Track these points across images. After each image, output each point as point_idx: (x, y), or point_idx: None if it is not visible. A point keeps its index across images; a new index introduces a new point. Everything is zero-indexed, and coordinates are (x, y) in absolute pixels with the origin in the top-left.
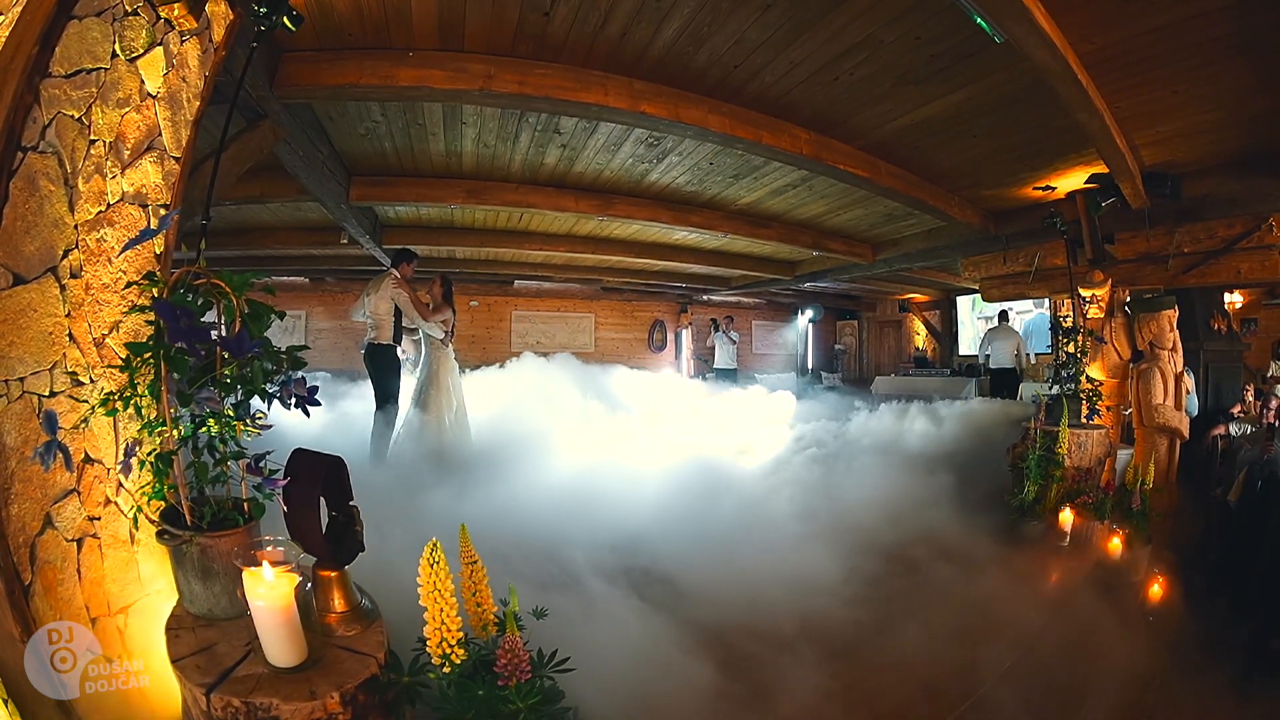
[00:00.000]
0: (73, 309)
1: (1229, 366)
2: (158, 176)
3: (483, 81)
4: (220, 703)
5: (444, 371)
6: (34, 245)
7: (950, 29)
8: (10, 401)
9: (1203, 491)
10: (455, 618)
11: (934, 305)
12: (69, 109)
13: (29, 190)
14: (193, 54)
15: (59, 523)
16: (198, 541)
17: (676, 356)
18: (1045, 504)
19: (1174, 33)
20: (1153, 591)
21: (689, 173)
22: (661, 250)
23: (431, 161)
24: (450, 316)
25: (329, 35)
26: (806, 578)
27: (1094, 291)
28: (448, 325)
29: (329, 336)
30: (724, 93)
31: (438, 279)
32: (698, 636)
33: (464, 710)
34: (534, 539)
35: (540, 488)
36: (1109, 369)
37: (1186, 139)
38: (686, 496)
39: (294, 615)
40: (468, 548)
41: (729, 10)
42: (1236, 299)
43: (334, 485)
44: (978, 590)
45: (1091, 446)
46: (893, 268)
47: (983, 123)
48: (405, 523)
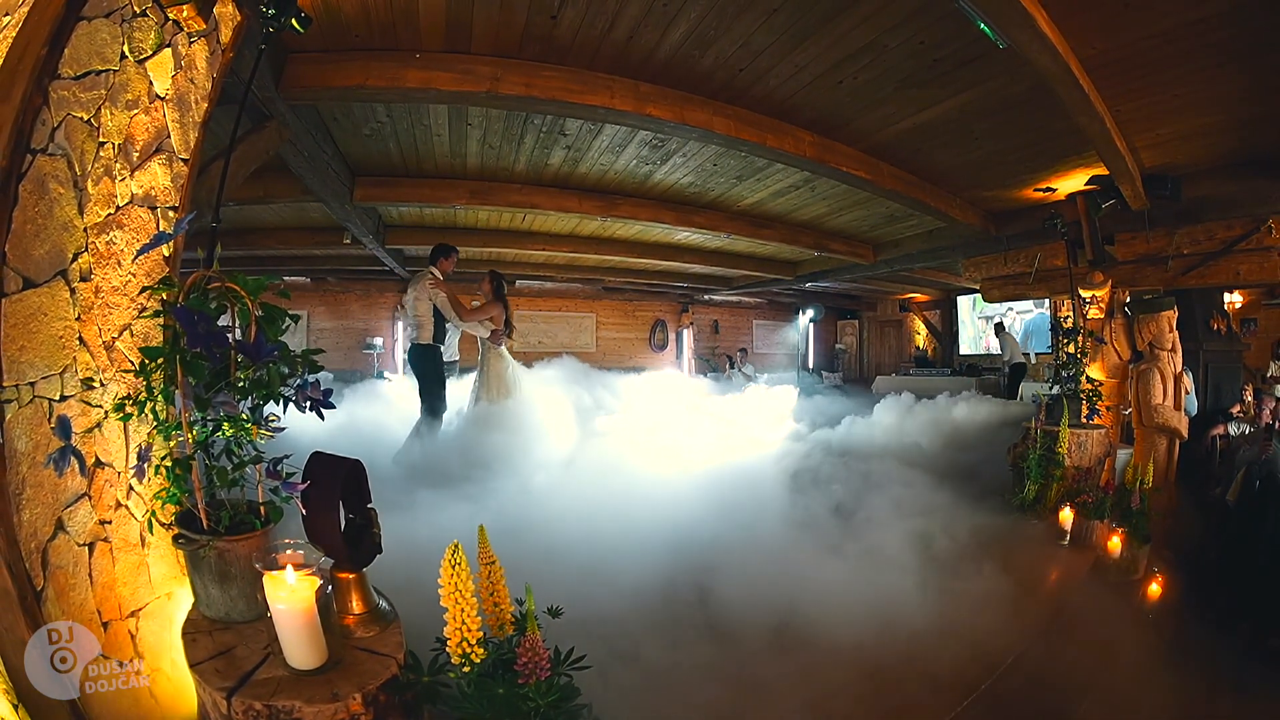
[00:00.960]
0: (83, 312)
1: (1228, 367)
2: (166, 178)
3: (489, 84)
4: (242, 706)
5: (497, 369)
6: (44, 248)
7: (953, 34)
8: (21, 406)
9: (1202, 491)
10: (475, 618)
11: (934, 305)
12: (78, 111)
13: (38, 193)
14: (201, 55)
15: (70, 527)
16: (215, 545)
17: (678, 356)
18: (1045, 503)
19: (1174, 38)
20: (1152, 590)
21: (693, 174)
22: (664, 250)
23: (436, 162)
24: (500, 313)
25: (336, 36)
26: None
27: (1094, 292)
28: (497, 323)
29: (331, 336)
30: (729, 95)
31: (487, 276)
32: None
33: (484, 708)
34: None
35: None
36: (1109, 369)
37: (1186, 142)
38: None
39: (315, 618)
40: (486, 549)
41: (735, 15)
42: (1236, 299)
43: (352, 488)
44: (978, 588)
45: (1091, 446)
46: (894, 268)
47: (984, 126)
48: (428, 524)
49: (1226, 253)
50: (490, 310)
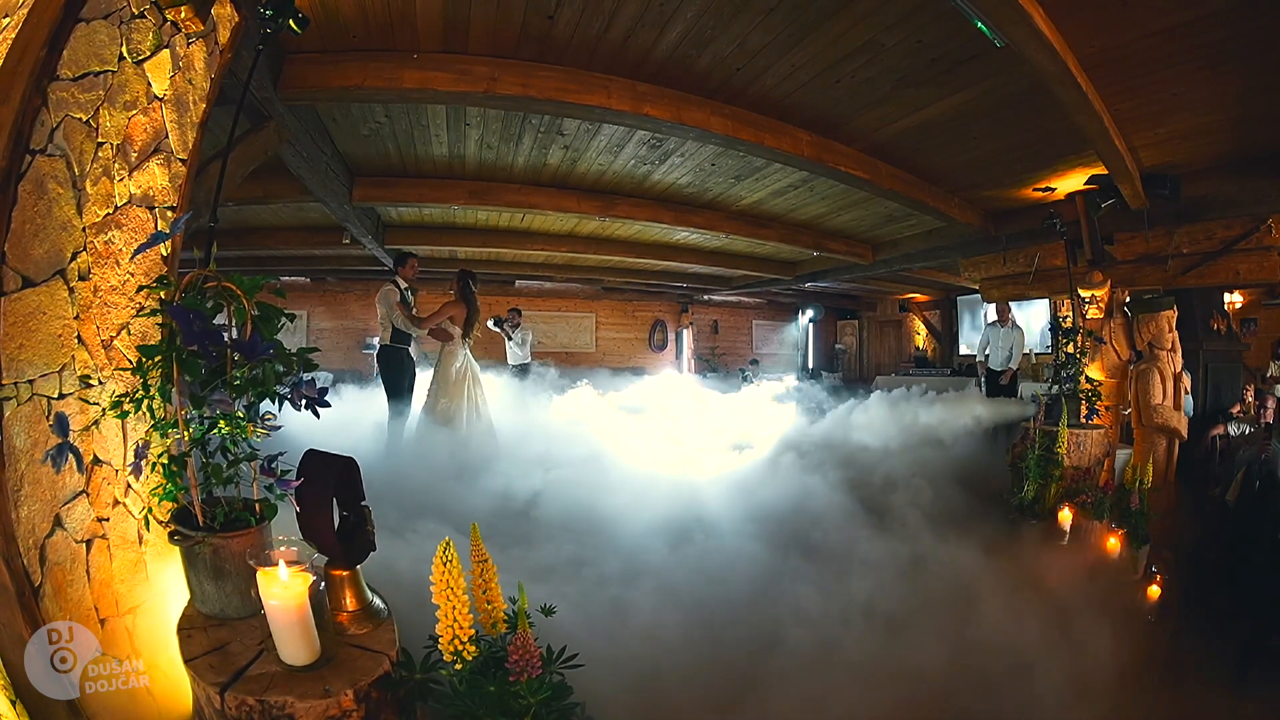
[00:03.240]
0: (81, 311)
1: (1228, 367)
2: (165, 179)
3: (487, 84)
4: (235, 701)
5: (449, 370)
6: (42, 248)
7: (951, 33)
8: (20, 404)
9: (1201, 491)
10: (467, 615)
11: (934, 305)
12: (77, 112)
13: (37, 193)
14: (199, 56)
15: (68, 524)
16: (210, 542)
17: (677, 356)
18: (1044, 503)
19: (1172, 37)
20: (1151, 590)
21: (691, 174)
22: (663, 250)
23: (434, 162)
24: (462, 312)
25: (334, 37)
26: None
27: (1093, 292)
28: (457, 322)
29: (330, 337)
30: (726, 95)
31: (455, 276)
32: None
33: (475, 706)
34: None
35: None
36: (1108, 369)
37: (1185, 141)
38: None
39: (308, 614)
40: (478, 546)
41: (731, 15)
42: (1236, 299)
43: (346, 485)
44: (978, 586)
45: (1090, 446)
46: (893, 268)
47: (983, 125)
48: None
49: (1226, 252)
50: (449, 311)
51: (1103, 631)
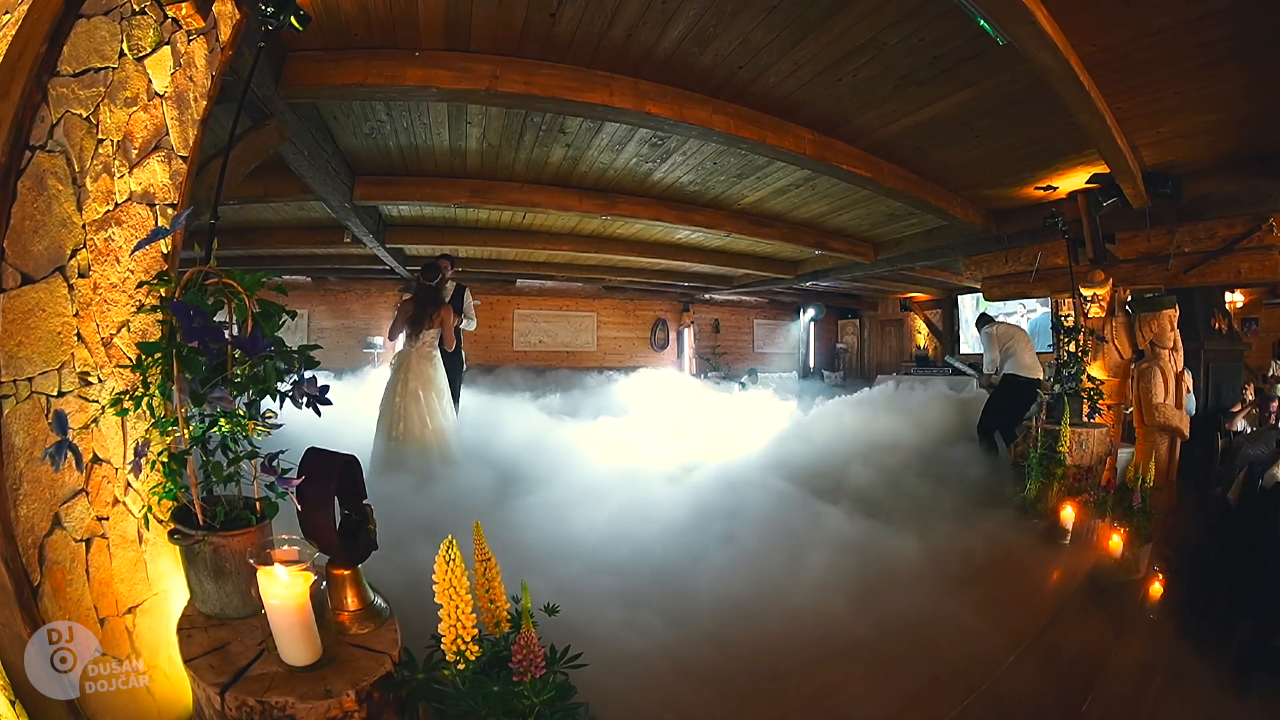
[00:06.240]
0: (81, 309)
1: (1229, 366)
2: (165, 176)
3: (489, 82)
4: (235, 702)
5: (398, 375)
6: (42, 245)
7: (953, 31)
8: (19, 402)
9: (1203, 490)
10: (470, 614)
11: (935, 304)
12: (77, 108)
13: (37, 189)
14: (200, 53)
15: (67, 523)
16: (211, 541)
17: (678, 355)
18: (1046, 502)
19: (1174, 35)
20: (1153, 589)
21: (693, 172)
22: (664, 249)
23: (436, 161)
24: (405, 311)
25: (335, 35)
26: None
27: (1095, 291)
28: (398, 323)
29: (332, 336)
30: (728, 93)
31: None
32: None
33: (479, 706)
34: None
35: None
36: (1110, 368)
37: (1187, 139)
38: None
39: (309, 614)
40: (481, 545)
41: (733, 13)
42: (1237, 298)
43: (347, 484)
44: (978, 585)
45: (1092, 445)
46: (894, 267)
47: (985, 123)
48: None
49: (1228, 251)
50: (404, 311)
51: (1104, 629)
